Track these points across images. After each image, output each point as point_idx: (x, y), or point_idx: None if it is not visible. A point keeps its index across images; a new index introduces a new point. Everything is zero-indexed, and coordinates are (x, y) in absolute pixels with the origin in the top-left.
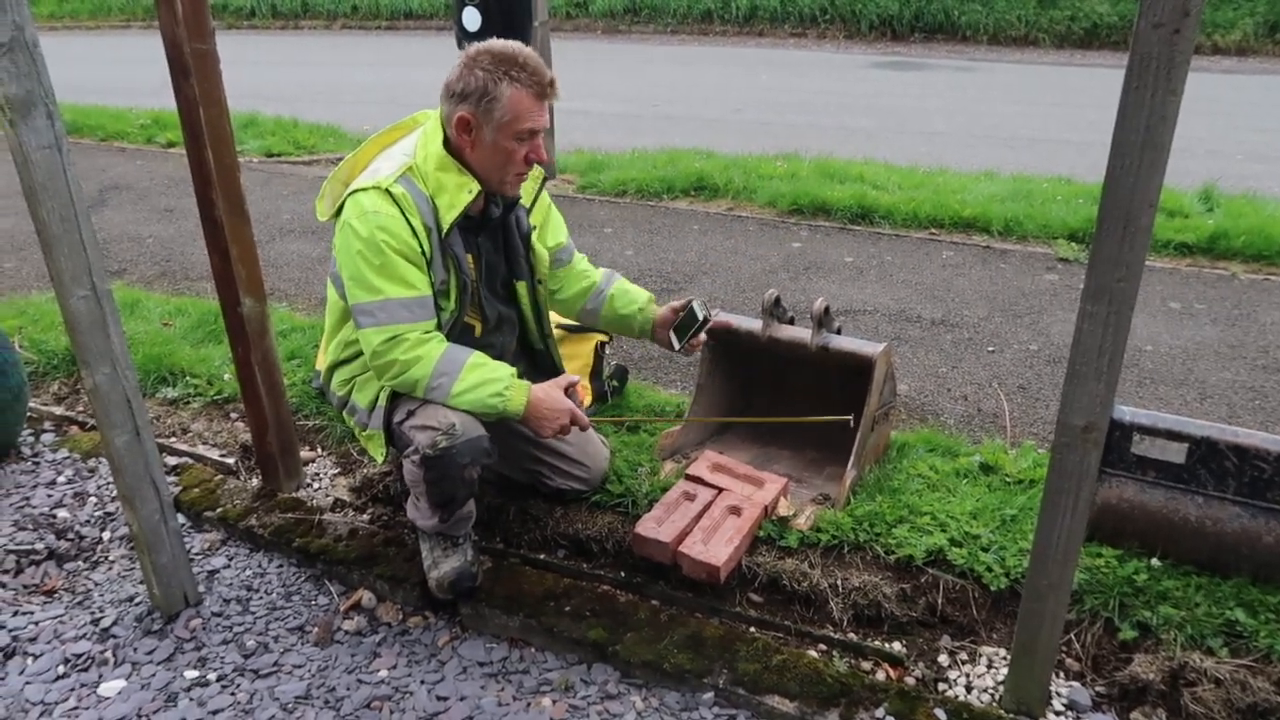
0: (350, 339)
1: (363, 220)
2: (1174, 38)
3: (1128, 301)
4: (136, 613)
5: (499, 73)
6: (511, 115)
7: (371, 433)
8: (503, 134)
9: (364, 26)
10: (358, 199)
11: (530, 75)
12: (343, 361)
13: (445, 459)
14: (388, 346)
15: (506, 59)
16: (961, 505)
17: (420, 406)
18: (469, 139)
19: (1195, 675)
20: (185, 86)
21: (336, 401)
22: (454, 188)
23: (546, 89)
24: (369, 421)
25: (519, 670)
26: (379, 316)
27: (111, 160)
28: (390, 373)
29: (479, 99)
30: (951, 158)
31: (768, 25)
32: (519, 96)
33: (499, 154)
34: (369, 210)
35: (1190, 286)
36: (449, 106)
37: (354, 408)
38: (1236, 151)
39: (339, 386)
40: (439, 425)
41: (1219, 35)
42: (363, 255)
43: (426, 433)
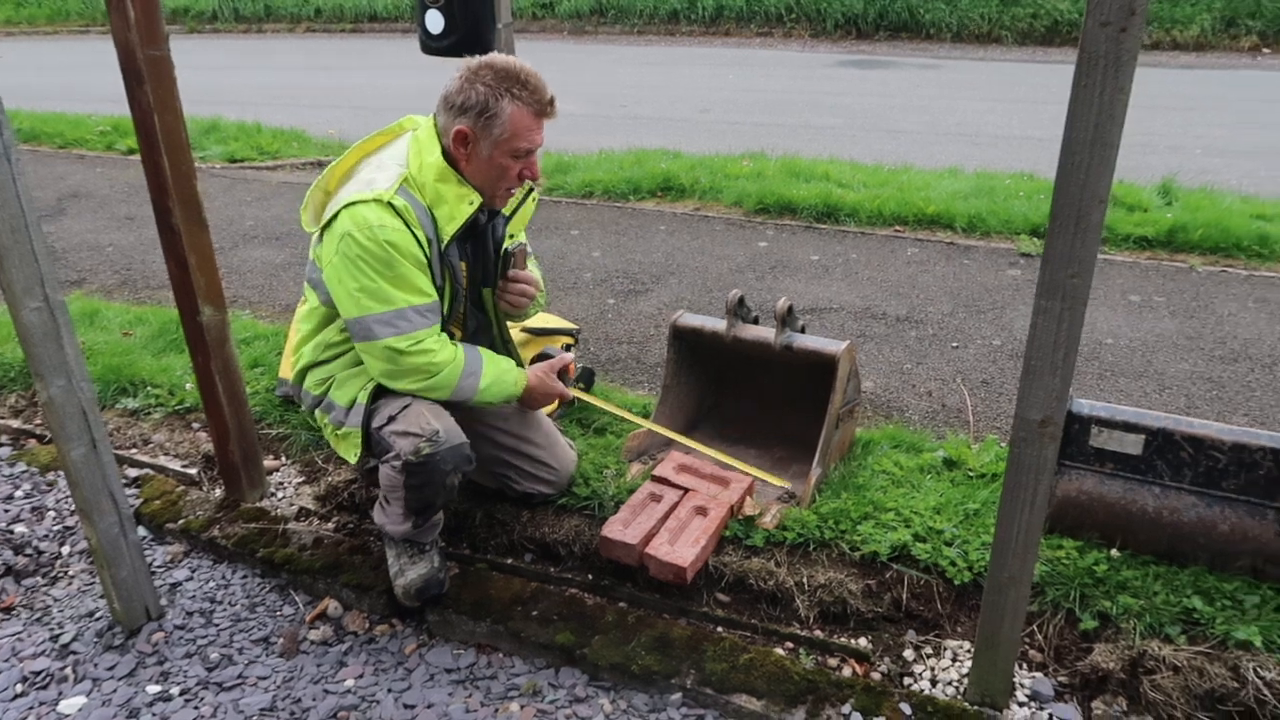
0: (334, 340)
1: (368, 233)
2: (1121, 36)
3: (1081, 297)
4: (97, 628)
5: (501, 89)
6: (510, 132)
7: (348, 431)
8: (500, 150)
9: (328, 30)
10: (358, 211)
11: (532, 94)
12: (321, 362)
13: (429, 465)
14: (415, 351)
15: (509, 76)
16: (925, 501)
17: (401, 412)
18: (465, 152)
19: (1154, 663)
20: (139, 93)
21: (309, 401)
22: (454, 199)
23: (546, 108)
24: (346, 419)
25: (487, 676)
26: (400, 325)
27: (70, 168)
28: (413, 377)
29: (479, 114)
30: (916, 155)
31: (734, 25)
32: (519, 114)
33: (494, 169)
34: (375, 224)
35: (1150, 279)
36: (447, 118)
37: (330, 405)
38: (1195, 146)
39: (314, 386)
40: (422, 432)
41: (1177, 31)
42: (373, 268)
43: (409, 439)
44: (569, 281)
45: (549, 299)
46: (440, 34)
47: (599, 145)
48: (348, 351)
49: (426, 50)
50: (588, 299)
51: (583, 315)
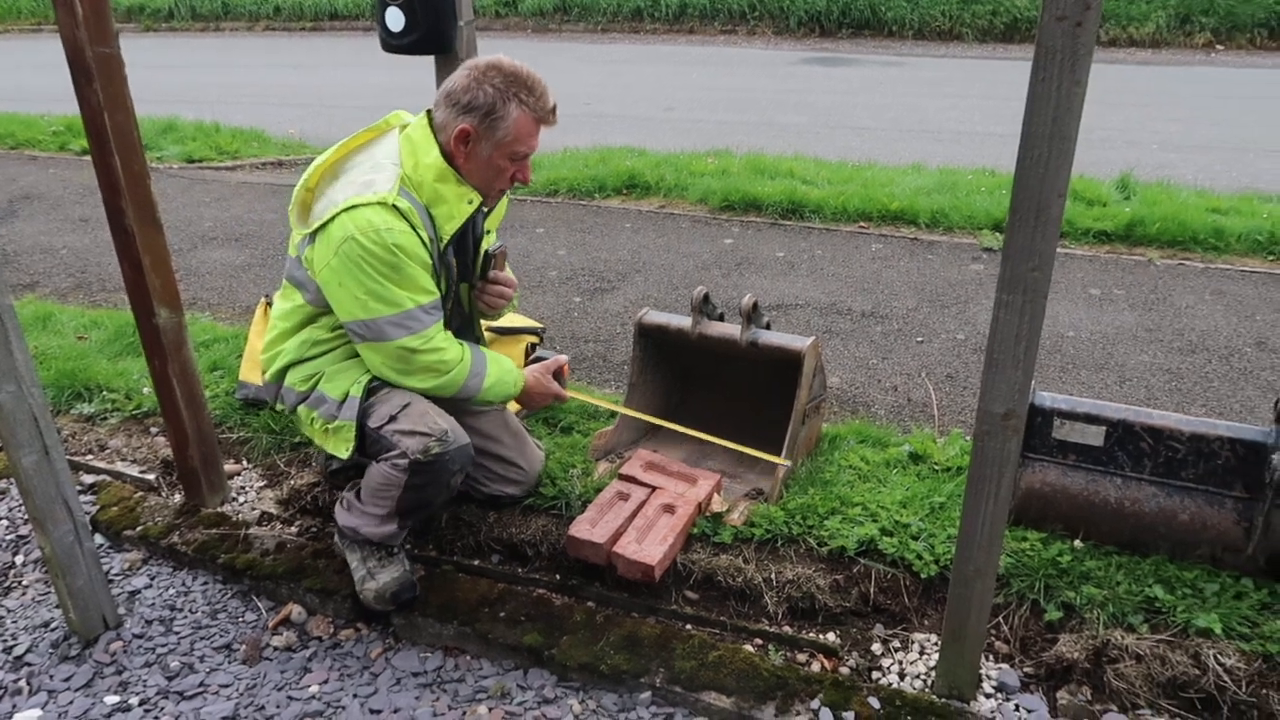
0: (321, 338)
1: (375, 237)
2: (1076, 30)
3: (1041, 290)
4: (52, 638)
5: (509, 92)
6: (513, 136)
7: (341, 424)
8: (500, 152)
9: (287, 28)
10: (361, 214)
11: (537, 100)
12: (306, 359)
13: (437, 465)
14: (428, 350)
15: (518, 80)
16: (892, 495)
17: (403, 411)
18: (465, 150)
19: (1117, 652)
20: (89, 91)
21: (293, 398)
22: (454, 199)
23: (549, 115)
24: (338, 413)
25: (454, 679)
26: (411, 326)
27: (22, 169)
28: (423, 375)
29: (485, 114)
30: (880, 152)
31: (698, 23)
32: (524, 119)
33: (490, 170)
34: (381, 228)
35: (1109, 273)
36: (449, 115)
37: (320, 399)
38: (1151, 141)
39: (300, 383)
40: (431, 431)
41: (1133, 28)
42: (379, 271)
43: (417, 438)
44: (535, 280)
45: None
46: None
47: (563, 143)
48: (337, 348)
49: (387, 48)
50: (554, 297)
51: (549, 314)
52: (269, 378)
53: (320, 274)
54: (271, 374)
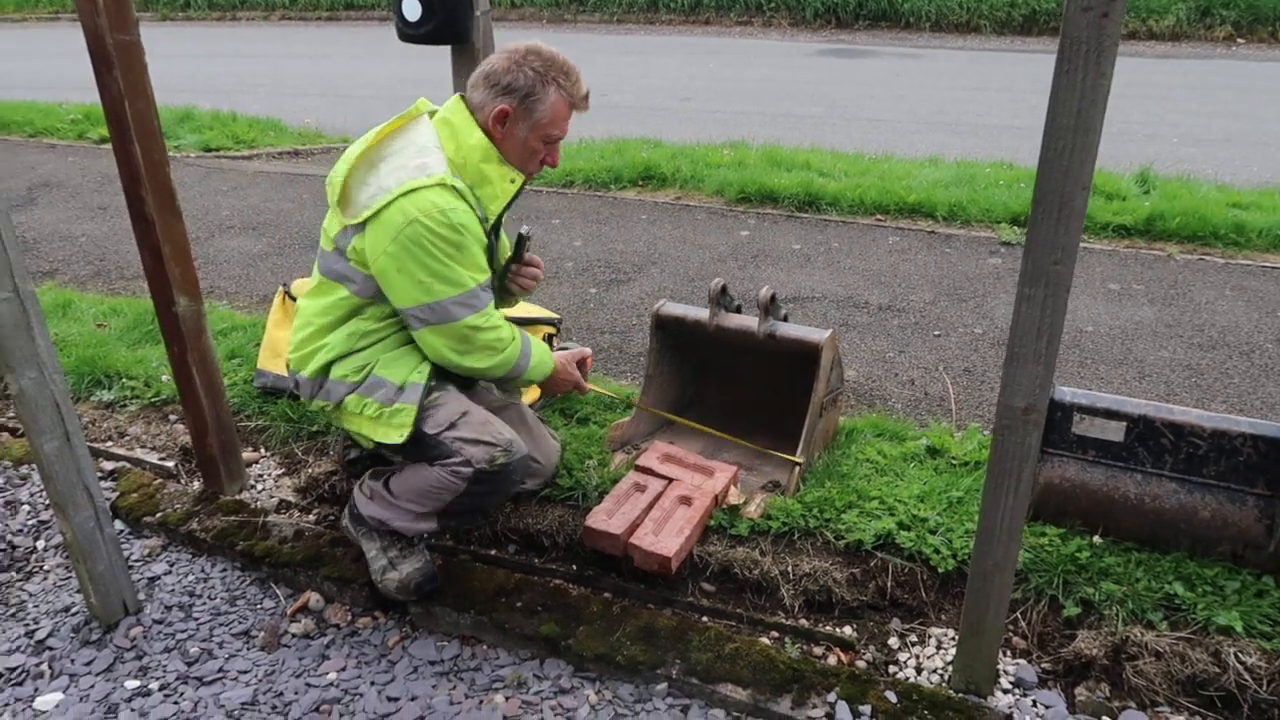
0: (370, 329)
1: (439, 218)
2: (1102, 21)
3: (1064, 284)
4: (73, 623)
5: (548, 76)
6: (549, 118)
7: (400, 407)
8: (535, 133)
9: (303, 17)
10: (424, 196)
11: (573, 85)
12: (354, 351)
13: (501, 475)
14: (489, 327)
15: (556, 65)
16: (909, 489)
17: (462, 418)
18: (502, 131)
19: (1136, 649)
20: (109, 80)
21: (341, 391)
22: (498, 179)
23: (582, 101)
24: (398, 398)
25: (471, 668)
26: (474, 304)
27: (41, 157)
28: (482, 354)
29: (524, 96)
30: (897, 144)
31: (713, 14)
32: (560, 102)
33: (525, 151)
34: (445, 208)
35: (1128, 268)
36: (487, 95)
37: (376, 384)
38: (1171, 135)
39: (351, 374)
40: (497, 441)
41: (1153, 21)
42: (444, 251)
43: (483, 447)
44: (551, 271)
45: None
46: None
47: (579, 134)
48: (387, 337)
49: (404, 38)
50: (569, 288)
51: (565, 305)
52: (307, 374)
53: (376, 262)
54: (312, 370)
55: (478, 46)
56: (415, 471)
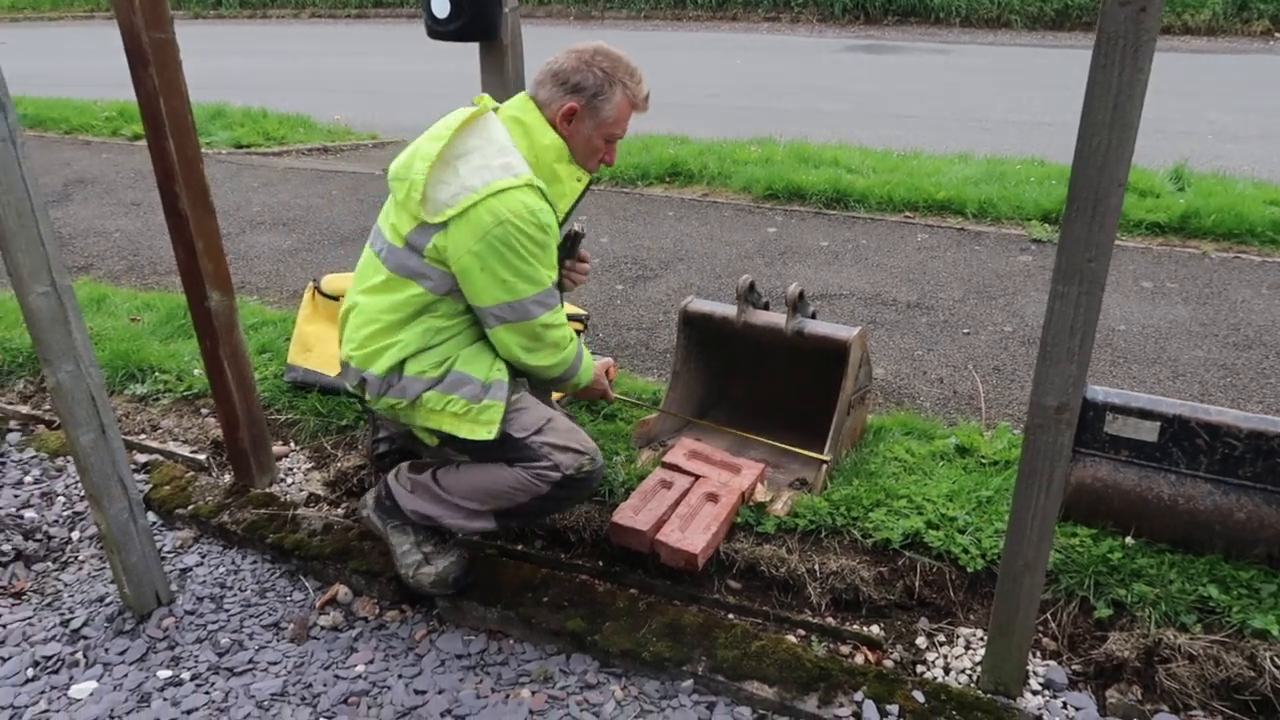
0: (444, 325)
1: (530, 219)
2: (1140, 16)
3: (1098, 281)
4: (107, 613)
5: (616, 76)
6: (614, 118)
7: (489, 404)
8: (599, 132)
9: (333, 15)
10: (514, 197)
11: (638, 86)
12: (430, 347)
13: (584, 482)
14: (558, 325)
15: (624, 66)
16: (938, 488)
17: (548, 424)
18: (569, 129)
19: (1169, 652)
20: (145, 77)
21: (419, 387)
22: (567, 177)
23: (643, 103)
24: (484, 395)
25: (497, 662)
26: (550, 303)
27: (76, 153)
28: (548, 352)
29: (592, 95)
30: (926, 141)
31: (741, 10)
32: (624, 103)
33: (587, 149)
34: (536, 209)
35: (1162, 266)
36: (554, 93)
37: (460, 380)
38: (1207, 131)
39: (431, 369)
40: (584, 449)
41: (1189, 15)
42: (530, 252)
43: (571, 455)
44: None
45: None
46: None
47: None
48: (460, 333)
49: (433, 35)
50: (596, 285)
51: (591, 301)
52: (377, 372)
53: (459, 260)
54: (383, 368)
55: (506, 43)
56: (486, 471)
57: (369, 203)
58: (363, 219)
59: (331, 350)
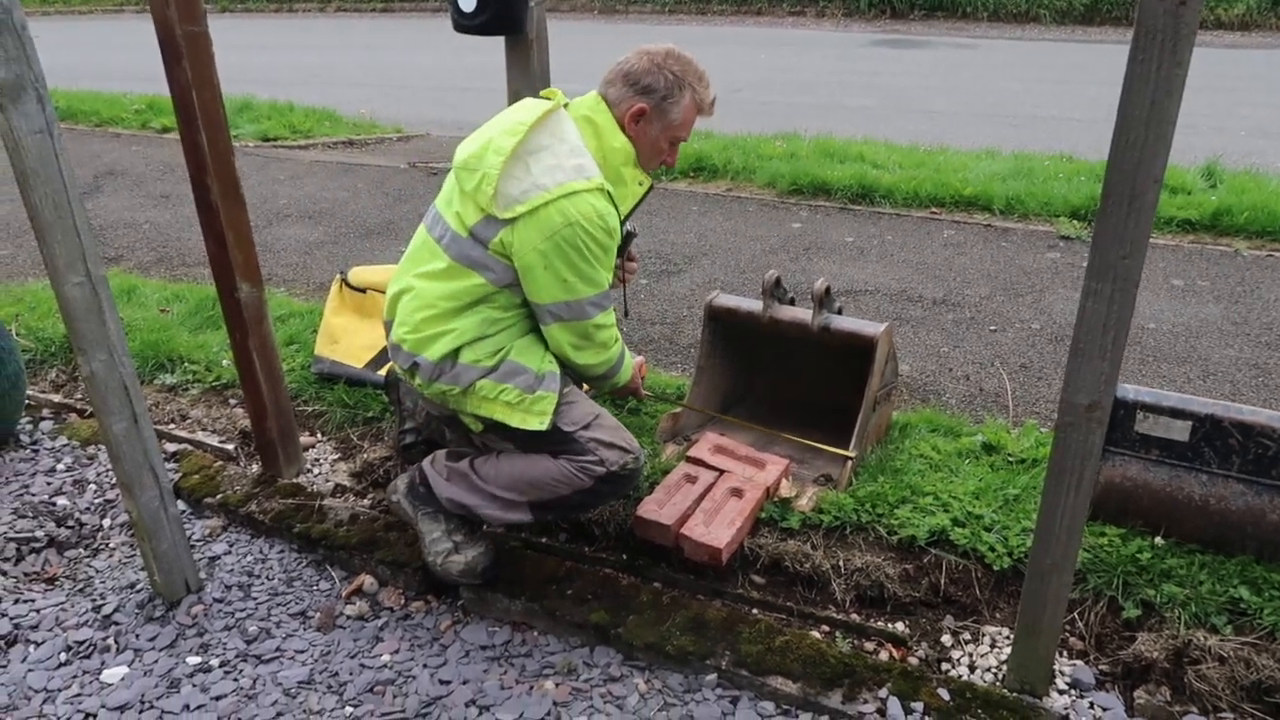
0: (499, 316)
1: (599, 223)
2: (1179, 10)
3: (1132, 279)
4: (138, 599)
5: (685, 80)
6: (681, 121)
7: (543, 394)
8: (665, 134)
9: (359, 9)
10: (585, 200)
11: (706, 91)
12: (486, 336)
13: (626, 479)
14: (609, 325)
15: (693, 70)
16: (964, 485)
17: (595, 420)
18: (636, 129)
19: (1199, 653)
20: (178, 70)
21: (473, 374)
22: (631, 180)
23: (709, 107)
24: (538, 385)
25: (521, 654)
26: (604, 304)
27: (106, 146)
28: (595, 350)
29: (662, 98)
30: (952, 136)
31: (766, 4)
32: (691, 107)
33: (653, 150)
34: (605, 213)
35: (1193, 263)
36: (624, 93)
37: (515, 370)
38: (1240, 127)
39: (485, 358)
40: (629, 448)
41: (1222, 9)
42: (594, 254)
43: (617, 451)
44: None
45: None
46: (472, 12)
47: None
48: (513, 325)
49: (458, 28)
50: None
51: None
52: (433, 357)
53: (524, 257)
54: (438, 354)
55: (531, 38)
56: (529, 461)
57: (394, 196)
58: (388, 212)
59: (359, 342)
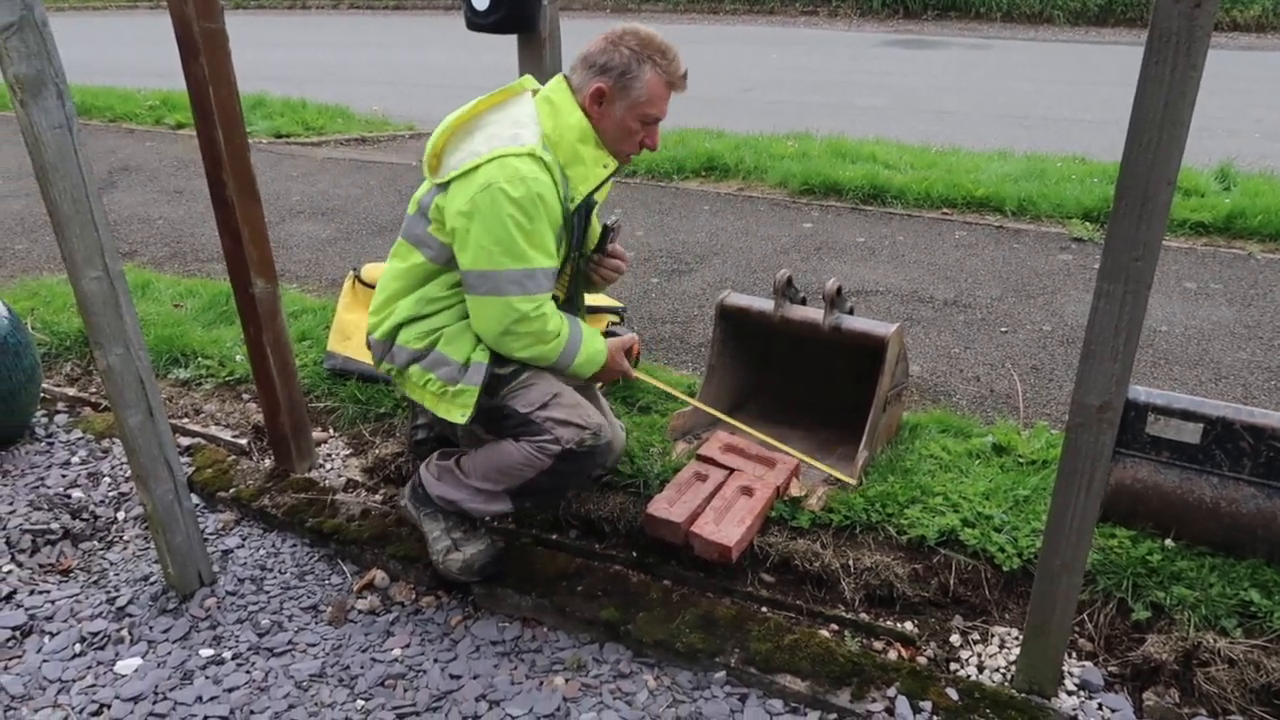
0: (437, 295)
1: (520, 186)
2: (1194, 12)
3: (1144, 280)
4: (152, 592)
5: (644, 55)
6: (646, 97)
7: (463, 388)
8: (631, 113)
9: (371, 7)
10: (510, 163)
11: (670, 64)
12: (422, 316)
13: (586, 457)
14: (537, 314)
15: (652, 44)
16: (974, 486)
17: (554, 399)
18: (599, 110)
19: (1209, 655)
20: (195, 66)
21: (405, 356)
22: (591, 161)
23: (680, 81)
24: (461, 377)
25: (531, 649)
26: (528, 286)
27: (120, 141)
28: (524, 341)
29: (620, 74)
30: (964, 137)
31: (778, 3)
32: (656, 81)
33: (621, 131)
34: (527, 176)
35: (1206, 266)
36: (584, 76)
37: (440, 360)
38: (1254, 130)
39: (415, 340)
40: (587, 424)
41: (1237, 11)
42: (516, 221)
43: (572, 429)
44: None
45: None
46: (486, 10)
47: None
48: (454, 305)
49: (472, 26)
50: (632, 278)
51: (627, 294)
52: (379, 336)
53: (451, 220)
54: (382, 332)
55: (544, 36)
56: (498, 449)
57: (406, 193)
58: (400, 209)
59: None
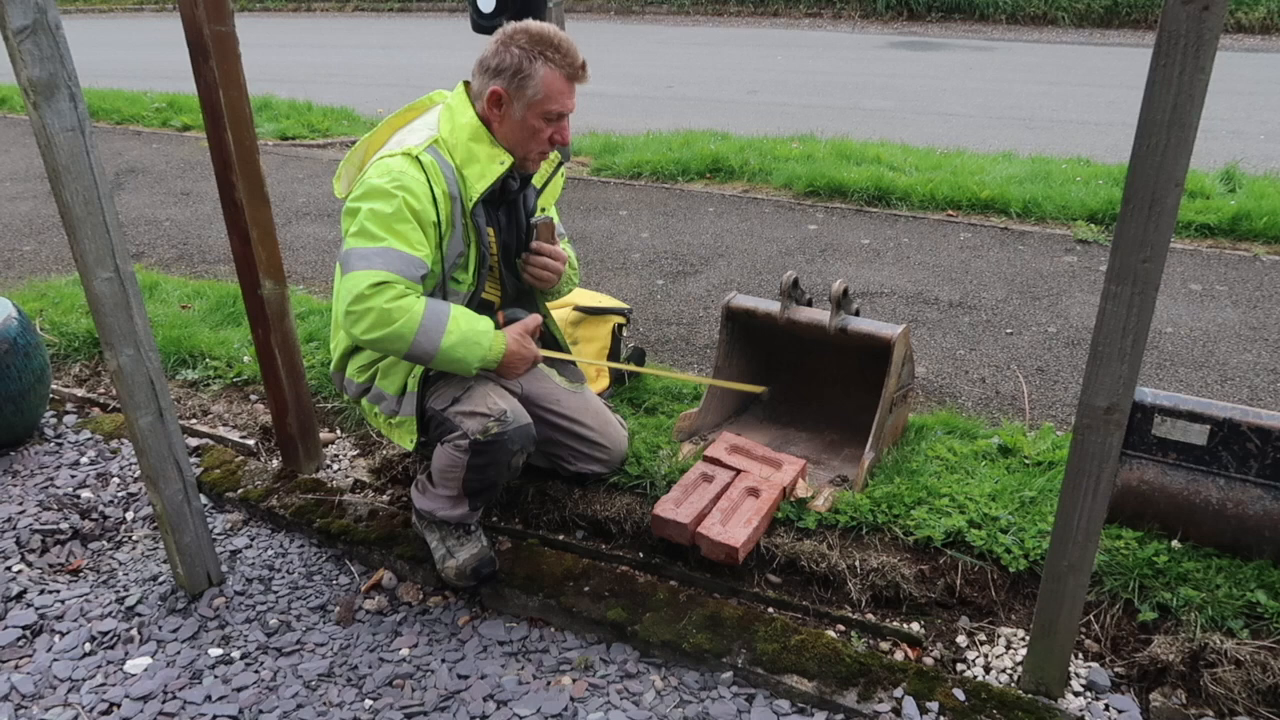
0: None
1: (385, 177)
2: (1203, 14)
3: (1152, 282)
4: (161, 591)
5: (534, 52)
6: (543, 94)
7: (402, 419)
8: (532, 112)
9: (376, 9)
10: (383, 163)
11: (564, 57)
12: (359, 348)
13: (496, 445)
14: (374, 290)
15: (543, 40)
16: (980, 487)
17: (465, 394)
18: (499, 113)
19: (1215, 657)
20: (205, 69)
21: (354, 389)
22: (486, 159)
23: (578, 72)
24: (399, 409)
25: (539, 649)
26: (374, 260)
27: (127, 144)
28: (366, 322)
29: (513, 75)
30: (969, 139)
31: (783, 5)
32: (551, 77)
33: (525, 131)
34: (394, 169)
35: (1211, 268)
36: (482, 80)
37: (379, 395)
38: (1259, 132)
39: (357, 373)
40: (490, 411)
41: (1242, 13)
42: (374, 205)
43: (477, 419)
44: (618, 262)
45: (586, 278)
46: (492, 13)
47: (646, 126)
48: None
49: (477, 29)
50: (637, 279)
51: (632, 296)
52: (334, 368)
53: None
54: (335, 364)
55: None
56: (436, 454)
57: None
58: None
59: None
